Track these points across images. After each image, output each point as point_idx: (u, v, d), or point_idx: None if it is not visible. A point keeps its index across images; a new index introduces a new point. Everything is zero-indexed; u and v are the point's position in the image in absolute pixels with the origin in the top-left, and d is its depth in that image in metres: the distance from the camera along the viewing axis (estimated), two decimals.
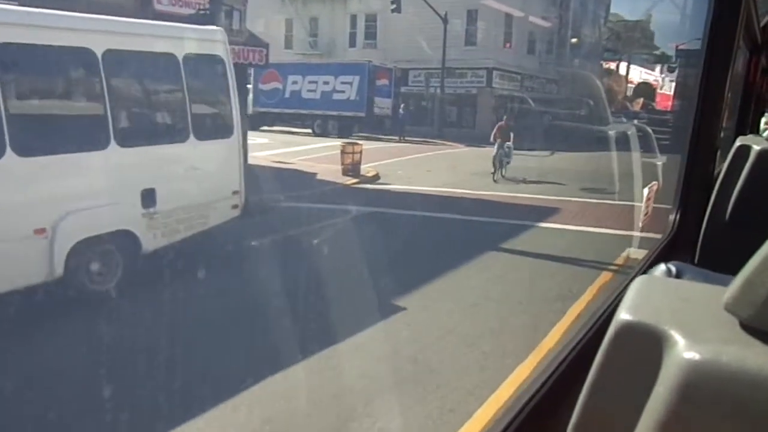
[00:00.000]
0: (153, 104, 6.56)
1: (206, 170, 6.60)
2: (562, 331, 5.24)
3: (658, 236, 2.78)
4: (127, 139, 5.85)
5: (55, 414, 3.67)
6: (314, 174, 15.55)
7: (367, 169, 16.00)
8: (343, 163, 15.26)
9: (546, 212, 10.77)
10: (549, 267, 7.26)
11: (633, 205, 10.95)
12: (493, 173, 15.76)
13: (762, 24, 3.01)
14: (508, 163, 16.09)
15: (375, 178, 15.38)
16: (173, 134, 6.40)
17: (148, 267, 6.05)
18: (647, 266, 1.24)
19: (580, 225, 9.75)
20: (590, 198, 12.41)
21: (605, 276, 6.86)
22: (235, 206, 7.00)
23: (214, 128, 6.89)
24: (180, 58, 6.32)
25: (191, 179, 6.45)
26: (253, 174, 14.83)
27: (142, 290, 5.87)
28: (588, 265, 7.38)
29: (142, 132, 6.24)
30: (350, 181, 14.69)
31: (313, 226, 8.44)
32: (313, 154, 19.93)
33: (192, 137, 6.48)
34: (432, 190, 13.35)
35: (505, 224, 9.62)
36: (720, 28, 2.07)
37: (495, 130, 16.79)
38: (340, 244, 7.33)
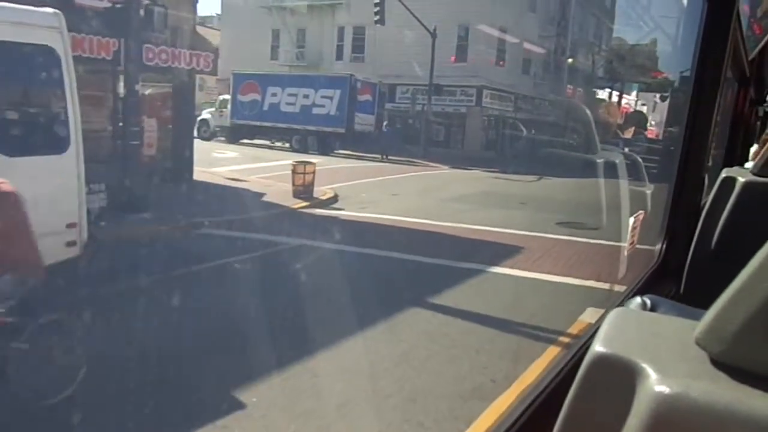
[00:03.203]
0: None
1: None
2: None
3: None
4: None
5: None
6: (263, 194, 13.94)
7: (324, 190, 14.38)
8: (294, 184, 13.65)
9: (506, 252, 9.08)
10: (479, 336, 5.54)
11: (611, 247, 9.31)
12: None
13: (750, 58, 3.05)
14: None
15: (329, 202, 13.75)
16: None
17: None
18: (630, 296, 0.95)
19: (543, 271, 8.05)
20: (565, 235, 10.74)
21: (550, 352, 5.14)
22: (71, 243, 5.35)
23: (37, 140, 5.28)
24: None
25: None
26: (188, 192, 13.31)
27: None
28: (532, 335, 5.66)
29: None
30: (299, 204, 13.05)
31: (201, 266, 6.78)
32: (279, 171, 18.27)
33: None
34: (385, 218, 11.69)
35: (448, 268, 7.93)
36: (707, 60, 2.08)
37: None
38: (205, 298, 5.65)
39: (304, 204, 13.08)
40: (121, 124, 10.37)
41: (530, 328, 5.78)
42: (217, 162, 20.44)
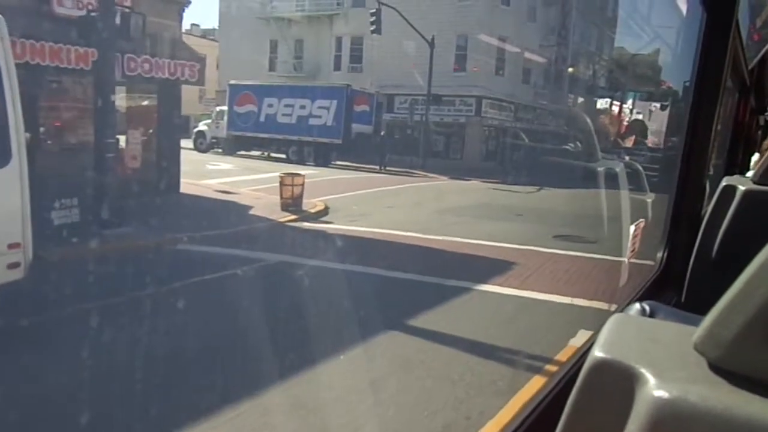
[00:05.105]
0: None
1: None
2: None
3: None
4: None
5: None
6: (250, 207, 13.52)
7: (314, 203, 13.95)
8: (282, 197, 13.24)
9: (498, 268, 8.60)
10: (458, 364, 5.05)
11: (610, 262, 8.83)
12: None
13: (750, 67, 3.04)
14: None
15: (319, 215, 13.31)
16: None
17: None
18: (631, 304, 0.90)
19: (534, 289, 7.56)
20: (562, 249, 10.26)
21: (534, 383, 4.65)
22: (13, 265, 4.93)
23: None
24: None
25: None
26: (172, 205, 12.89)
27: None
28: (517, 363, 5.17)
29: None
30: (287, 217, 12.62)
31: (167, 287, 6.32)
32: (271, 183, 17.87)
33: None
34: (375, 231, 11.25)
35: (435, 285, 7.46)
36: (707, 69, 2.08)
37: None
38: (161, 323, 5.19)
39: (292, 217, 12.64)
40: (97, 135, 9.99)
41: (516, 354, 5.30)
42: (209, 174, 20.09)
